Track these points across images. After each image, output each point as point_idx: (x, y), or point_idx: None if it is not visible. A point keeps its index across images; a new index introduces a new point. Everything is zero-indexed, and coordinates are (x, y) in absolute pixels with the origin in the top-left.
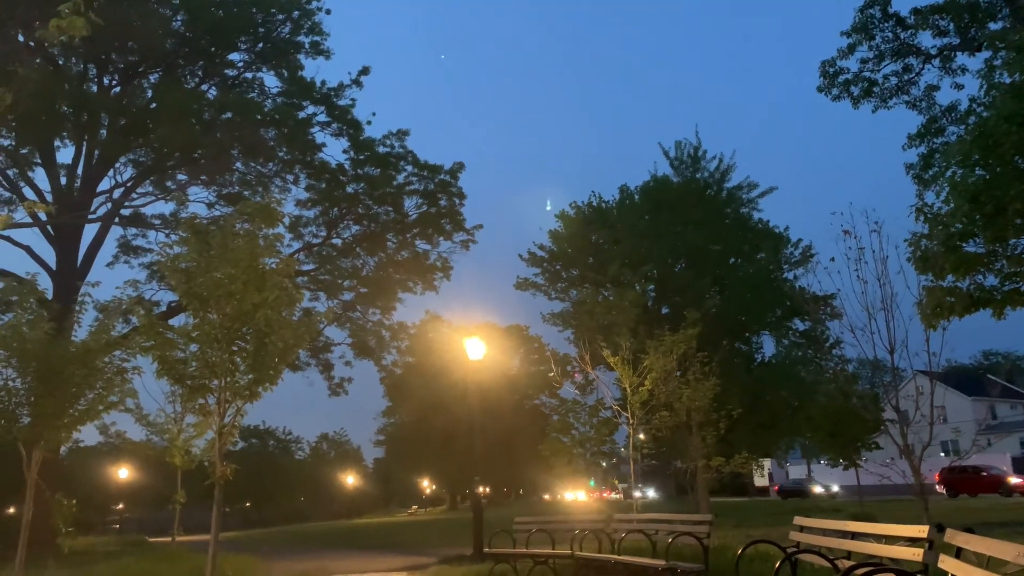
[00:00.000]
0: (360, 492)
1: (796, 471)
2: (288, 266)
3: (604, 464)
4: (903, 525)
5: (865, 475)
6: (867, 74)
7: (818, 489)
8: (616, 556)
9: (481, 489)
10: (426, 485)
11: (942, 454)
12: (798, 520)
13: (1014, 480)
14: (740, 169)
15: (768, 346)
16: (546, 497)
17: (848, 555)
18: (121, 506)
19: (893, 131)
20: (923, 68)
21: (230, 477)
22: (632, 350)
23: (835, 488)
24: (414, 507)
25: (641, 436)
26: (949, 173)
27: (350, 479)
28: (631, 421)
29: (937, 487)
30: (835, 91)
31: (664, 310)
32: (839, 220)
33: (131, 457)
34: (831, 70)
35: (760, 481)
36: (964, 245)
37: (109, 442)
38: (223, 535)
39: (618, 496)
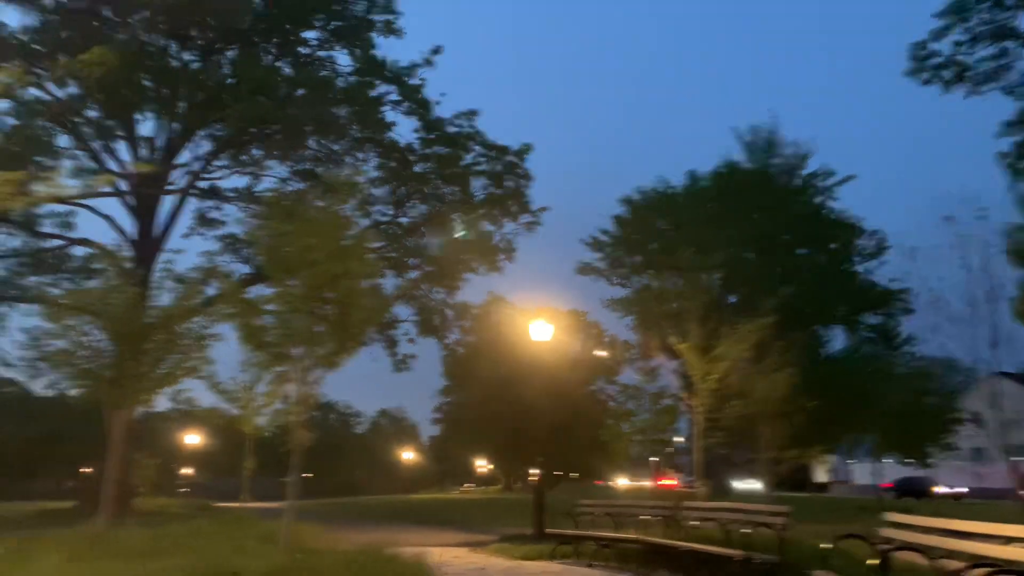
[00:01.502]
0: (415, 468)
1: (863, 469)
2: (367, 239)
3: (663, 452)
4: (1016, 525)
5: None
6: (960, 58)
7: (941, 489)
8: (687, 543)
9: (536, 472)
10: (480, 464)
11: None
12: (892, 516)
13: None
14: (819, 156)
15: (835, 340)
16: (600, 483)
17: (949, 554)
18: (188, 470)
19: (984, 118)
20: (1022, 52)
21: (308, 444)
22: (702, 338)
23: (964, 489)
24: (468, 485)
25: (710, 425)
26: None
27: (407, 455)
28: (698, 409)
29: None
30: (925, 75)
31: (731, 299)
32: (940, 206)
33: (199, 423)
34: (921, 53)
35: (820, 477)
36: None
37: (178, 408)
38: (287, 503)
39: (676, 484)
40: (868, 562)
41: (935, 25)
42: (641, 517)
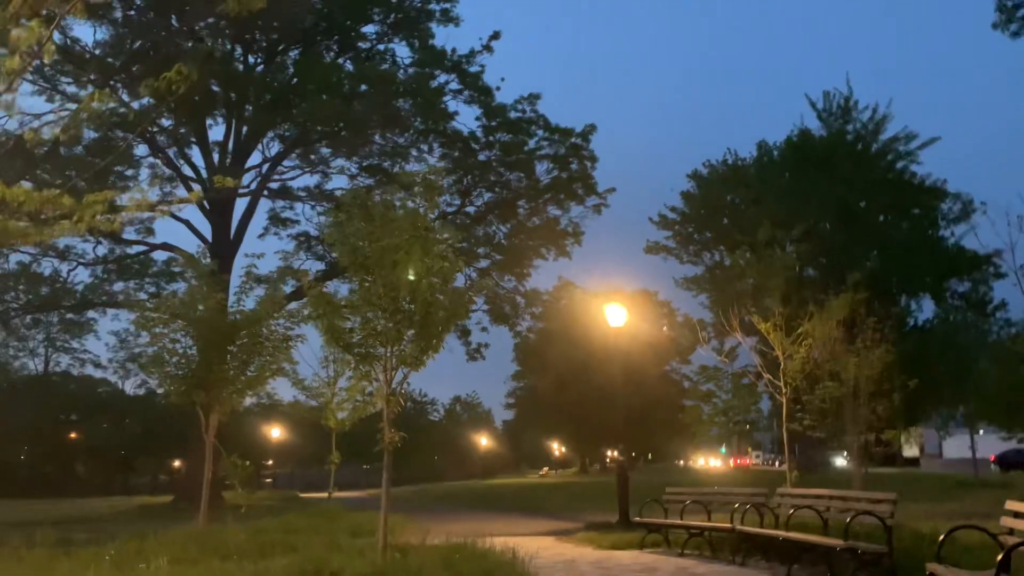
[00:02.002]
0: (491, 453)
1: (956, 442)
2: (448, 235)
3: (746, 432)
4: None
5: None
6: None
7: None
8: (785, 532)
9: (612, 454)
10: (556, 447)
11: None
12: (1011, 505)
13: None
14: (898, 119)
15: (924, 310)
16: (679, 463)
17: None
18: (272, 462)
19: None
20: None
21: (398, 444)
22: (785, 316)
23: None
24: (545, 468)
25: (797, 408)
26: None
27: (483, 440)
28: (784, 391)
29: None
30: (1013, 27)
31: (810, 272)
32: None
33: (283, 417)
34: (1009, 3)
35: (910, 451)
36: None
37: (262, 403)
38: (369, 491)
39: (756, 463)
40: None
41: None
42: (736, 505)
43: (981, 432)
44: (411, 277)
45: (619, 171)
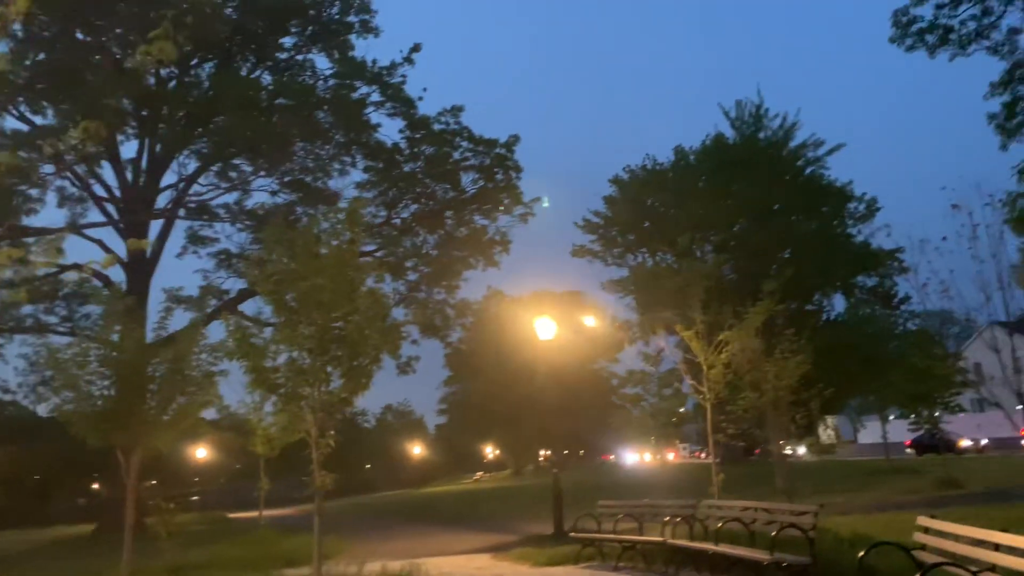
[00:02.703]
0: (425, 460)
1: (869, 429)
2: (375, 269)
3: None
4: None
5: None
6: (943, 21)
7: (966, 442)
8: (714, 546)
9: (543, 453)
10: (489, 451)
11: (1018, 407)
12: (922, 521)
13: None
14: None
15: (835, 306)
16: (609, 457)
17: (993, 568)
18: (198, 479)
19: (973, 80)
20: (1005, 10)
21: (330, 487)
22: (706, 323)
23: (984, 441)
24: (479, 473)
25: (722, 419)
26: None
27: (416, 449)
28: (708, 397)
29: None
30: (909, 41)
31: (730, 274)
32: (947, 195)
33: (209, 435)
34: (904, 19)
35: (825, 437)
36: None
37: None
38: (301, 508)
39: (683, 457)
40: None
41: None
42: (667, 518)
43: (892, 419)
44: (339, 323)
45: (551, 177)
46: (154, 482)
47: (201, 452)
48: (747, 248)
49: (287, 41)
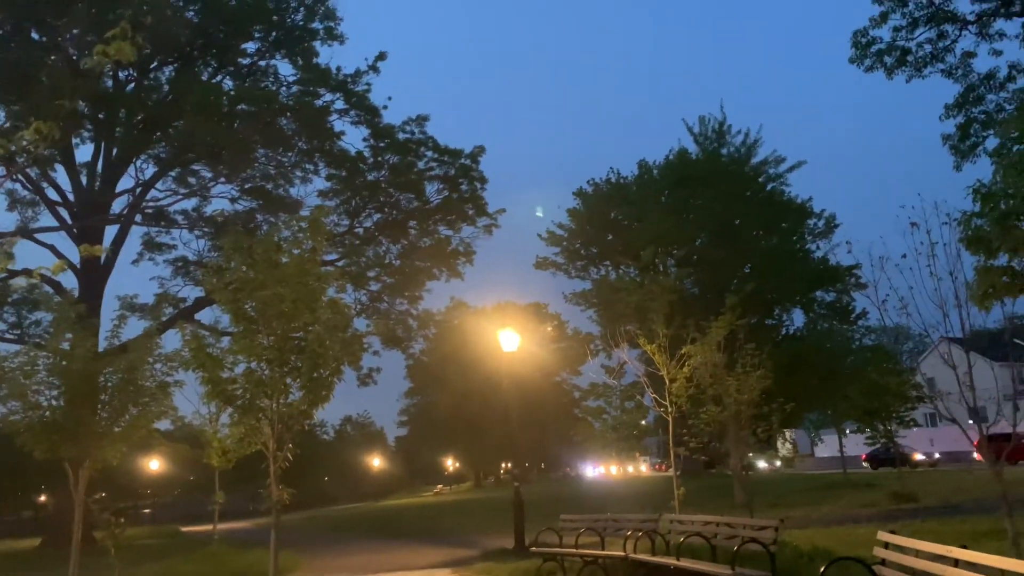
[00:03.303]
0: (384, 472)
1: (827, 443)
2: (338, 279)
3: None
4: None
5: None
6: (901, 43)
7: (919, 456)
8: (676, 561)
9: (504, 465)
10: (450, 463)
11: (970, 421)
12: (883, 536)
13: None
14: (767, 143)
15: (795, 320)
16: (569, 471)
17: None
18: (150, 491)
19: (930, 101)
20: (959, 34)
21: (287, 502)
22: (668, 337)
23: (937, 455)
24: (440, 486)
25: (683, 433)
26: (1005, 150)
27: (376, 461)
28: (670, 410)
29: (975, 455)
30: (868, 62)
31: (692, 288)
32: (907, 213)
33: (162, 446)
34: (863, 40)
35: (784, 452)
36: (1020, 224)
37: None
38: (256, 521)
39: (645, 470)
40: None
41: (875, 12)
42: (629, 532)
43: (848, 433)
44: (300, 333)
45: (519, 187)
46: (103, 494)
47: (154, 464)
48: (708, 262)
49: (250, 46)
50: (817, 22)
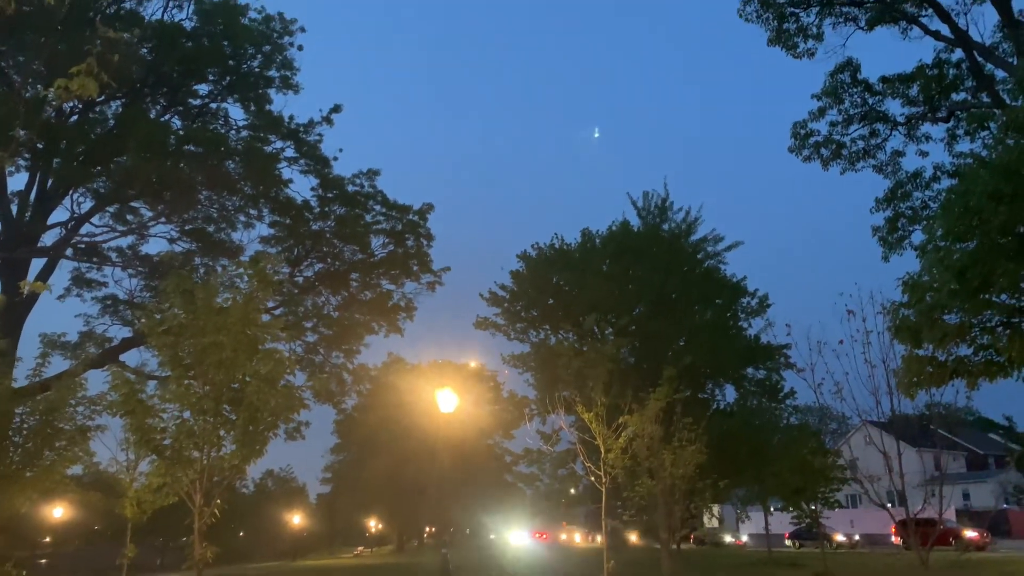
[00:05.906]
0: (304, 530)
1: (754, 521)
2: (281, 329)
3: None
4: None
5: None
6: (837, 137)
7: (840, 537)
8: None
9: (428, 529)
10: (372, 524)
11: (889, 504)
12: None
13: (969, 534)
14: (707, 222)
15: (726, 395)
16: (492, 537)
17: None
18: (49, 539)
19: (861, 192)
20: (890, 134)
21: (210, 560)
22: (606, 406)
23: (856, 536)
24: (360, 548)
25: (617, 503)
26: (931, 246)
27: (296, 518)
28: (603, 481)
29: (893, 539)
30: (806, 152)
31: (629, 357)
32: (844, 300)
33: (71, 492)
34: (802, 131)
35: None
36: (944, 317)
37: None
38: None
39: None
40: None
41: (814, 105)
42: None
43: (773, 511)
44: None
45: (463, 246)
46: (24, 572)
47: (57, 511)
48: (646, 333)
49: (202, 88)
50: (764, 108)
